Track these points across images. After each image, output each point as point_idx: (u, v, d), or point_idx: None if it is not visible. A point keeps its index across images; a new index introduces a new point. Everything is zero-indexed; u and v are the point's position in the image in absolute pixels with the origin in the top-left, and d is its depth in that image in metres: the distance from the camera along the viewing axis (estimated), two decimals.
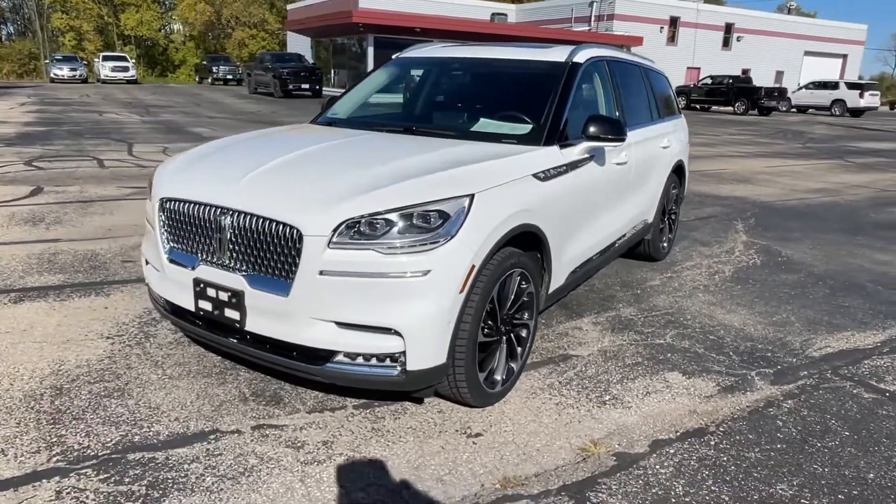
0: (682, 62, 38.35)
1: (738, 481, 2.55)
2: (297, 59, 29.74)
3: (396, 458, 2.63)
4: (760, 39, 40.15)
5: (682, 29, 37.96)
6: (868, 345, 3.97)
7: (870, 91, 35.52)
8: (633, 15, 35.75)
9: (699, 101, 34.80)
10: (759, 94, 31.63)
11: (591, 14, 36.14)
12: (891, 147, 18.29)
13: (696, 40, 38.10)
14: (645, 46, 36.18)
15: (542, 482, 2.53)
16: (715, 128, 22.73)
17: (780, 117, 31.46)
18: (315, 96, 28.41)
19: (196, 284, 2.83)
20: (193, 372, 3.25)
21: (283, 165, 2.96)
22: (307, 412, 2.94)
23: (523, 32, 32.09)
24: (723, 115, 31.17)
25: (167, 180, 3.05)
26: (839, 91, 35.74)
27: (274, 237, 2.59)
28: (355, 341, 2.58)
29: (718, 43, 39.31)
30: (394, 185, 2.65)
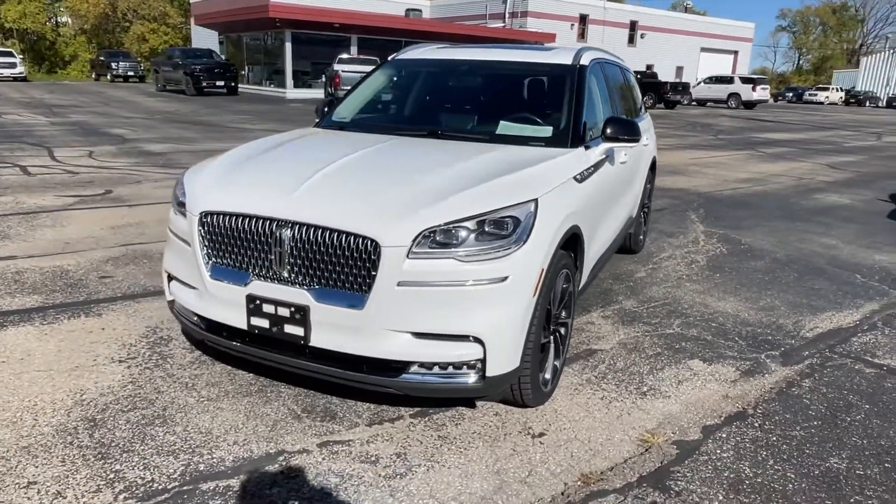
0: None
1: (795, 459, 2.74)
2: (209, 56, 28.49)
3: (474, 465, 2.63)
4: (662, 36, 42.34)
5: (590, 26, 39.40)
6: (849, 323, 4.33)
7: (761, 85, 38.36)
8: (546, 12, 36.73)
9: None
10: (666, 89, 33.41)
11: (505, 11, 36.81)
12: (790, 137, 19.84)
13: (603, 37, 39.62)
14: (557, 43, 37.31)
15: (620, 475, 2.61)
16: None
17: (684, 110, 33.34)
18: (230, 94, 27.35)
19: (250, 301, 2.70)
20: (231, 392, 3.11)
21: (335, 174, 2.87)
22: (367, 425, 2.88)
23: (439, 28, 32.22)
24: None
25: (206, 193, 2.89)
26: (734, 85, 38.36)
27: (345, 250, 2.52)
28: (432, 351, 2.56)
29: (624, 39, 41.11)
30: (465, 193, 2.64)
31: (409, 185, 2.75)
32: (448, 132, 3.66)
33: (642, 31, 41.59)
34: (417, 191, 2.69)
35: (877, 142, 19.85)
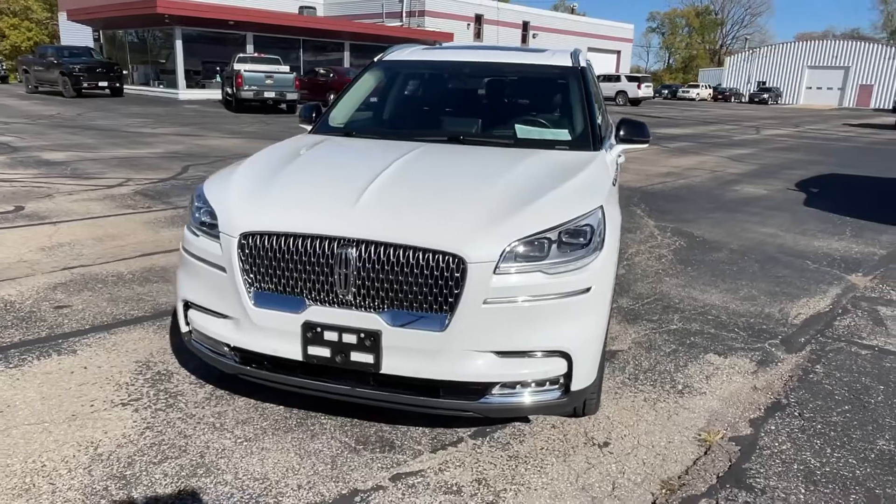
0: None
1: (848, 445, 2.86)
2: (88, 54, 26.20)
3: (558, 483, 2.54)
4: (553, 36, 43.83)
5: (486, 26, 40.12)
6: (825, 308, 4.63)
7: (645, 83, 40.79)
8: (443, 12, 36.98)
9: None
10: None
11: (402, 10, 36.69)
12: (684, 132, 21.19)
13: (498, 36, 40.50)
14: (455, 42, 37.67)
15: (699, 479, 2.61)
16: None
17: None
18: (114, 95, 25.33)
19: (307, 329, 2.45)
20: (268, 429, 2.82)
21: (389, 186, 2.66)
22: (431, 452, 2.71)
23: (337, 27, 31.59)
24: None
25: (244, 212, 2.58)
26: (621, 83, 40.50)
27: (423, 268, 2.34)
28: (517, 370, 2.43)
29: (518, 39, 42.20)
30: (540, 203, 2.54)
31: (474, 197, 2.60)
32: (470, 137, 3.53)
33: (534, 32, 42.89)
34: (488, 202, 2.55)
35: (757, 135, 21.61)
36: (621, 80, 40.79)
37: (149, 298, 4.30)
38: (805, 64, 65.95)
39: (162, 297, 4.32)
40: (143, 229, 6.09)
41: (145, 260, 5.14)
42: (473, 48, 4.32)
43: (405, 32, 34.58)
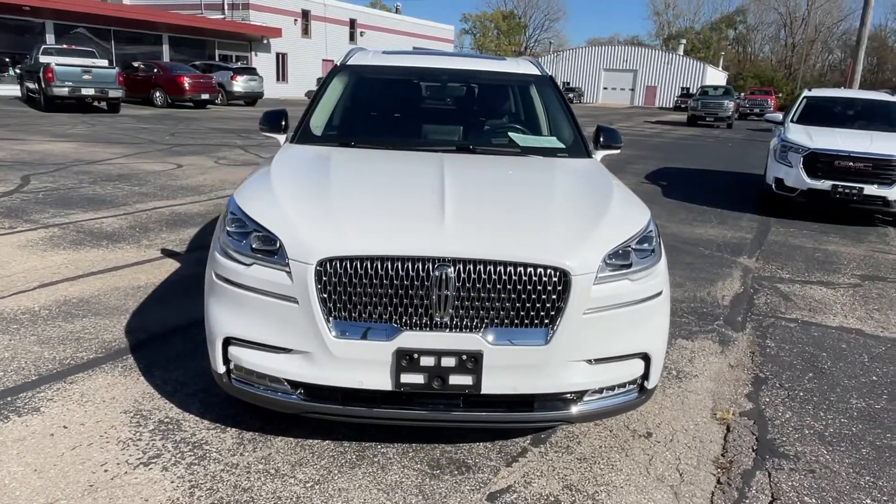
0: (318, 54, 39.71)
1: (833, 406, 3.34)
2: None
3: (637, 478, 2.67)
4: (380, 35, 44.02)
5: (313, 22, 39.19)
6: (739, 290, 5.29)
7: None
8: (268, 6, 35.44)
9: None
10: None
11: (223, 1, 34.52)
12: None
13: (326, 33, 39.81)
14: (283, 38, 36.38)
15: (741, 453, 2.89)
16: None
17: None
18: None
19: (401, 357, 2.31)
20: (331, 467, 2.61)
21: (462, 202, 2.58)
22: (507, 466, 2.69)
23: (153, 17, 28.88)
24: None
25: (318, 235, 2.35)
26: None
27: (526, 284, 2.32)
28: (606, 375, 2.52)
29: (346, 37, 41.81)
30: (613, 213, 2.65)
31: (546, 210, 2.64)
32: (477, 146, 3.51)
33: (362, 30, 42.79)
34: (564, 215, 2.60)
35: None
36: None
37: (89, 336, 3.70)
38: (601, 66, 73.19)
39: (104, 334, 3.75)
40: (24, 254, 5.19)
41: (51, 291, 4.40)
42: (437, 55, 4.28)
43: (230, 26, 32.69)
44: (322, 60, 40.03)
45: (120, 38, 28.34)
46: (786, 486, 2.65)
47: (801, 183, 7.95)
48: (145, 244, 5.68)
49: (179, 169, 9.90)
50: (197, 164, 10.45)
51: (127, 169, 9.58)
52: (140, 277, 4.78)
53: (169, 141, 13.43)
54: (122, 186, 8.21)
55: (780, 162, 8.21)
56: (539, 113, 3.98)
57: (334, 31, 40.53)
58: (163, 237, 5.95)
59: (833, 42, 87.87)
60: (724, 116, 29.20)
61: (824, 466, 2.81)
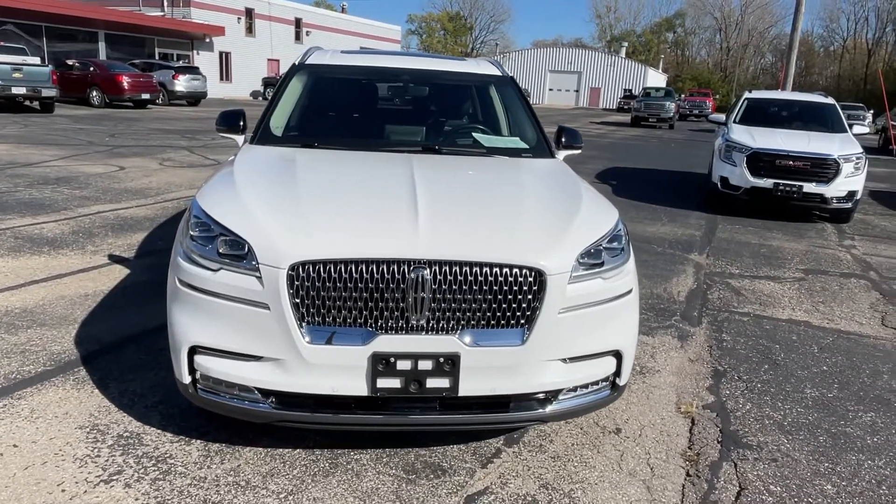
0: (262, 54, 38.92)
1: (789, 396, 3.46)
2: None
3: (610, 473, 2.70)
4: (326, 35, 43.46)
5: (258, 21, 38.38)
6: (693, 285, 5.44)
7: None
8: (211, 3, 34.50)
9: None
10: None
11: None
12: None
13: (271, 32, 39.06)
14: (227, 37, 35.51)
15: (707, 445, 2.97)
16: None
17: None
18: None
19: (377, 361, 2.27)
20: (303, 476, 2.54)
21: (435, 203, 2.54)
22: (482, 467, 2.68)
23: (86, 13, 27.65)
24: None
25: (289, 238, 2.27)
26: None
27: (503, 284, 2.31)
28: (581, 374, 2.54)
29: (291, 36, 41.13)
30: (586, 212, 2.67)
31: (518, 210, 2.64)
32: (443, 147, 3.48)
33: (308, 29, 42.17)
34: (535, 215, 2.61)
35: None
36: None
37: (35, 349, 3.51)
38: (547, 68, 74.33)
39: (52, 345, 3.56)
40: None
41: None
42: (396, 55, 4.24)
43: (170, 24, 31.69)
44: (267, 60, 39.30)
45: (52, 35, 27.09)
46: (751, 476, 2.73)
47: (745, 181, 8.25)
48: (90, 250, 5.43)
49: (122, 171, 9.52)
50: (140, 166, 10.07)
51: (66, 171, 9.15)
52: (87, 285, 4.56)
53: (109, 142, 12.91)
54: (61, 190, 7.83)
55: (724, 161, 8.50)
56: (501, 114, 3.99)
57: (279, 30, 39.83)
58: (109, 242, 5.70)
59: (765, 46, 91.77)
60: (667, 117, 30.08)
61: (785, 455, 2.91)
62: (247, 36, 37.82)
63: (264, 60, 39.05)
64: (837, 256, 6.76)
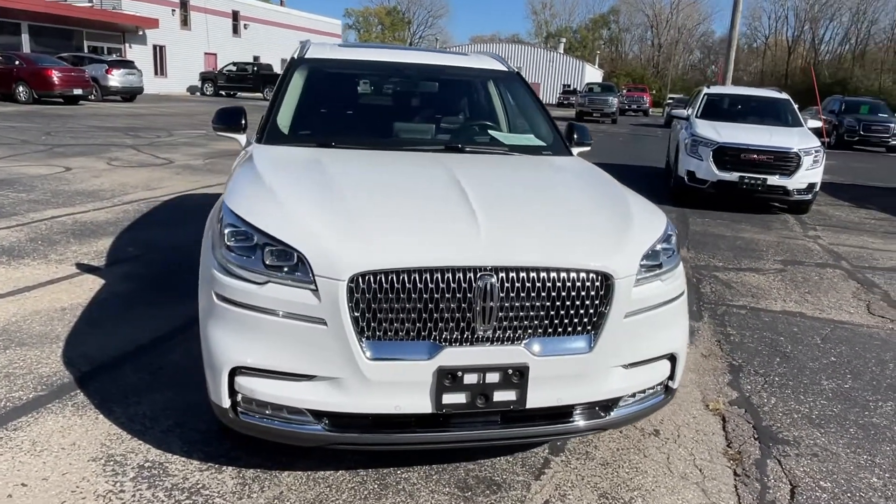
0: (199, 47, 37.49)
1: (808, 389, 3.50)
2: None
3: (663, 478, 2.65)
4: (264, 28, 42.35)
5: (193, 13, 36.92)
6: None
7: None
8: None
9: (226, 88, 34.92)
10: None
11: None
12: None
13: (207, 25, 37.66)
14: (161, 29, 34.02)
15: (745, 443, 2.96)
16: None
17: None
18: None
19: (443, 376, 2.13)
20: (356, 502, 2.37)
21: (490, 206, 2.41)
22: (535, 479, 2.58)
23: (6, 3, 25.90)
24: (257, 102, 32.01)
25: (348, 248, 2.10)
26: None
27: (570, 290, 2.21)
28: (640, 379, 2.46)
29: (229, 29, 39.79)
30: (640, 216, 2.62)
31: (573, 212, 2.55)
32: (466, 145, 3.33)
33: (245, 22, 40.91)
34: (592, 217, 2.52)
35: None
36: None
37: (21, 371, 3.18)
38: None
39: (39, 367, 3.23)
40: None
41: None
42: (395, 48, 4.06)
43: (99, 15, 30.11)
44: (204, 54, 37.92)
45: None
46: (799, 473, 2.73)
47: (712, 175, 8.44)
48: (55, 259, 5.01)
49: (69, 172, 8.92)
50: (87, 167, 9.47)
51: (5, 173, 8.49)
52: (61, 298, 4.19)
53: (46, 141, 12.10)
54: (5, 193, 7.25)
55: (691, 156, 8.67)
56: (513, 110, 3.89)
57: (216, 23, 38.48)
58: (73, 250, 5.28)
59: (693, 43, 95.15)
60: (610, 112, 30.74)
61: (824, 449, 2.93)
62: (182, 29, 36.36)
63: (201, 54, 37.66)
64: (808, 247, 7.00)
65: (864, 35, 75.45)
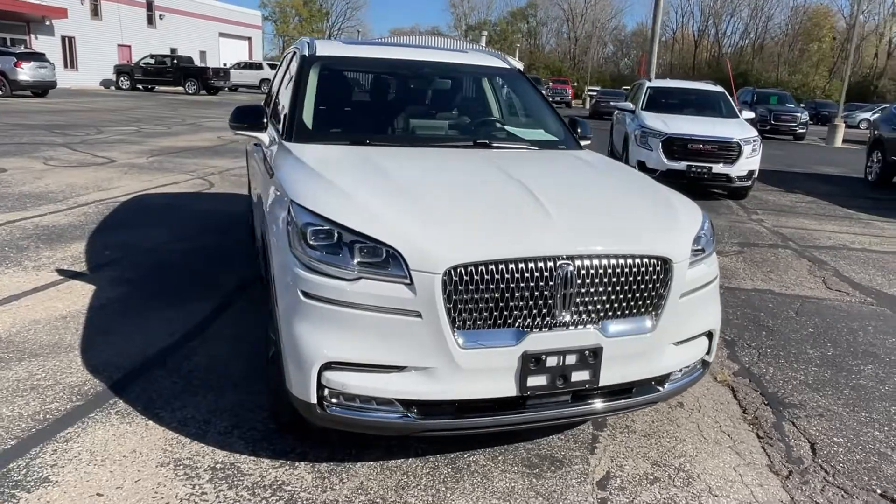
0: (111, 39, 35.47)
1: (796, 358, 3.86)
2: None
3: (703, 445, 2.89)
4: (181, 19, 40.57)
5: (104, 2, 34.85)
6: None
7: None
8: None
9: (143, 81, 33.30)
10: (208, 74, 32.59)
11: None
12: None
13: (120, 16, 35.71)
14: (71, 20, 32.00)
15: (759, 408, 3.25)
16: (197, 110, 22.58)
17: (228, 96, 33.22)
18: None
19: (527, 361, 2.27)
20: (435, 485, 2.48)
21: (555, 198, 2.56)
22: (590, 453, 2.76)
23: None
24: (178, 96, 30.80)
25: (442, 242, 2.19)
26: (264, 71, 39.91)
27: (635, 274, 2.39)
28: (687, 355, 2.68)
29: (143, 20, 37.86)
30: (678, 204, 2.81)
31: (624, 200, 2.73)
32: (493, 141, 3.46)
33: (161, 13, 39.06)
34: (643, 205, 2.72)
35: None
36: (263, 67, 40.24)
37: (47, 383, 3.07)
38: None
39: (64, 377, 3.13)
40: None
41: None
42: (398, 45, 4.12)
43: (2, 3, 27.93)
44: (118, 46, 35.97)
45: None
46: (813, 432, 3.04)
47: (661, 164, 8.93)
48: (30, 266, 4.77)
49: (5, 174, 8.37)
50: (24, 167, 8.91)
51: None
52: (56, 306, 4.02)
53: None
54: None
55: (641, 146, 9.13)
56: (520, 105, 4.03)
57: (129, 14, 36.55)
58: (46, 256, 5.03)
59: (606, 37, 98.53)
60: None
61: (827, 410, 3.26)
62: (93, 19, 34.33)
63: (114, 46, 35.69)
64: (756, 230, 7.55)
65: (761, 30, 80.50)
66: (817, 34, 73.60)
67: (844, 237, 7.38)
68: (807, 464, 2.78)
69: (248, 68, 40.13)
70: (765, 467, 2.74)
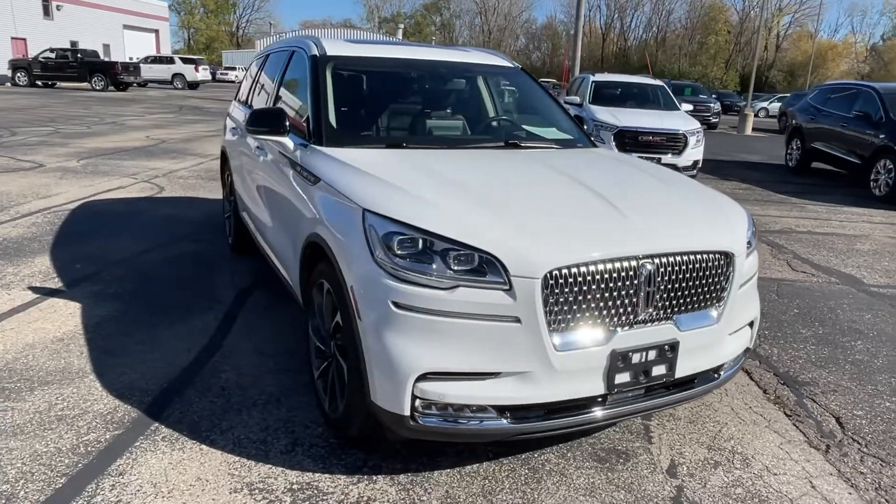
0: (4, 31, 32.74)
1: (794, 338, 4.13)
2: None
3: (745, 426, 3.05)
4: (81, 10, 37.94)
5: None
6: None
7: (202, 65, 39.23)
8: None
9: (43, 77, 30.97)
10: (118, 69, 30.72)
11: None
12: None
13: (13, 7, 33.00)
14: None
15: (777, 387, 3.47)
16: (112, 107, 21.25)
17: (139, 92, 31.47)
18: None
19: (615, 359, 2.32)
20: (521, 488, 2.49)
21: (621, 197, 2.62)
22: (648, 443, 2.86)
23: None
24: (83, 92, 28.81)
25: (539, 247, 2.19)
26: (176, 66, 38.05)
27: (704, 269, 2.49)
28: (737, 343, 2.80)
29: (39, 11, 35.15)
30: (724, 198, 2.94)
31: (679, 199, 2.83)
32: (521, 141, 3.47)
33: (58, 3, 36.40)
34: (698, 202, 2.84)
35: None
36: (175, 62, 38.34)
37: (74, 412, 2.84)
38: None
39: (90, 405, 2.91)
40: None
41: None
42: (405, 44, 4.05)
43: None
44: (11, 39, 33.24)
45: None
46: (834, 406, 3.28)
47: None
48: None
49: None
50: None
51: None
52: (45, 327, 3.72)
53: None
54: None
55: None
56: (529, 104, 4.07)
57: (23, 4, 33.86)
58: (11, 272, 4.64)
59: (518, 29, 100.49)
60: None
61: (838, 385, 3.52)
62: None
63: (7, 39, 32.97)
64: None
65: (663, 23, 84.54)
66: (714, 27, 78.13)
67: (789, 221, 7.92)
68: (839, 437, 3.00)
69: (158, 62, 38.12)
70: (804, 443, 2.93)
